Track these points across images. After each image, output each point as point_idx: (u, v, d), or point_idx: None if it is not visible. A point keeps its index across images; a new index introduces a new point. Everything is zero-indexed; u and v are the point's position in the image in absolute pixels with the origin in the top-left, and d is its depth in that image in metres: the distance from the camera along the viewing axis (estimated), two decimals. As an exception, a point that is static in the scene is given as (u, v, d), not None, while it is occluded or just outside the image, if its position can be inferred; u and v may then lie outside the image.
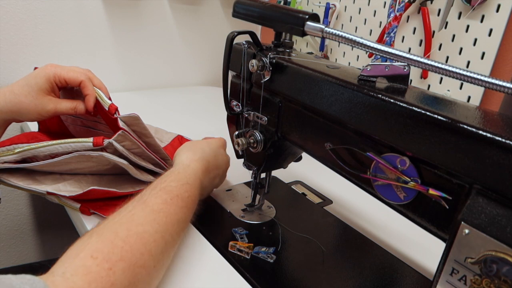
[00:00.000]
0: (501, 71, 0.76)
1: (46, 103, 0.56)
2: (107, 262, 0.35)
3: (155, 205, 0.44)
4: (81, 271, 0.34)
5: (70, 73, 0.57)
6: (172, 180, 0.49)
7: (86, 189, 0.53)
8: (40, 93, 0.55)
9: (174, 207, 0.46)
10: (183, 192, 0.48)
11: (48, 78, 0.56)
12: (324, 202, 0.69)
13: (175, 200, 0.46)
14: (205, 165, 0.56)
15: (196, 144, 0.60)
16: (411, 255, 0.57)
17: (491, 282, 0.29)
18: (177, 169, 0.52)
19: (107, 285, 0.34)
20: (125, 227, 0.40)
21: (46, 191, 0.55)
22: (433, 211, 0.35)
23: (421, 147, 0.34)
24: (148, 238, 0.40)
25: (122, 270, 0.36)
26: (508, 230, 0.28)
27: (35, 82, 0.55)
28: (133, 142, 0.55)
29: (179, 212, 0.46)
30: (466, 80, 0.32)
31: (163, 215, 0.44)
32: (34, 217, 1.15)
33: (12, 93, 0.54)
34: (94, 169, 0.59)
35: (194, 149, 0.58)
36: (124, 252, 0.37)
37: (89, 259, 0.35)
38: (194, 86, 1.35)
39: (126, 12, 1.10)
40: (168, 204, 0.45)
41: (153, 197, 0.45)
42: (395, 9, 0.85)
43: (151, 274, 0.40)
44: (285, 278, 0.49)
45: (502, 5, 0.72)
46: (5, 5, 0.92)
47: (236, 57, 0.52)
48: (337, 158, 0.43)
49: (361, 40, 0.38)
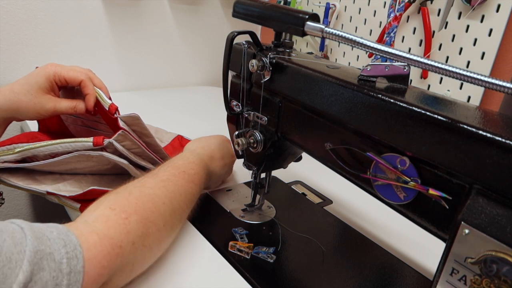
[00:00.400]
0: (501, 71, 0.76)
1: (45, 102, 0.56)
2: (123, 212, 0.40)
3: (164, 176, 0.49)
4: (101, 219, 0.39)
5: (71, 73, 0.57)
6: (179, 159, 0.55)
7: (86, 189, 0.53)
8: (39, 92, 0.55)
9: (181, 180, 0.50)
10: (189, 169, 0.53)
11: (48, 77, 0.56)
12: (324, 202, 0.69)
13: (182, 175, 0.51)
14: (210, 152, 0.61)
15: (200, 138, 0.65)
16: (411, 255, 0.57)
17: (491, 282, 0.29)
18: (184, 154, 0.57)
19: (124, 231, 0.39)
20: (137, 189, 0.45)
21: (46, 191, 0.55)
22: (433, 211, 0.35)
23: (421, 147, 0.34)
24: (157, 200, 0.45)
25: (136, 221, 0.41)
26: (508, 230, 0.28)
27: (35, 81, 0.55)
28: (133, 142, 0.55)
29: (186, 185, 0.50)
30: (466, 80, 0.32)
31: (172, 184, 0.49)
32: (34, 217, 1.15)
33: (11, 92, 0.54)
34: (94, 169, 0.59)
35: (199, 140, 0.64)
36: (138, 207, 0.42)
37: (107, 209, 0.40)
38: (194, 86, 1.35)
39: (126, 12, 1.10)
40: (176, 176, 0.50)
41: (161, 171, 0.51)
42: (395, 9, 0.85)
43: (161, 231, 0.44)
44: (285, 278, 0.49)
45: (502, 5, 0.72)
46: (5, 5, 0.92)
47: (236, 57, 0.52)
48: (337, 158, 0.42)
49: (361, 40, 0.38)
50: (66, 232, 0.34)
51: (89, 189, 0.53)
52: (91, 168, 0.59)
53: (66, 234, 0.33)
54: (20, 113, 0.55)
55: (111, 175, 0.61)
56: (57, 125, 0.68)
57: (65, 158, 0.54)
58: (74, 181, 0.58)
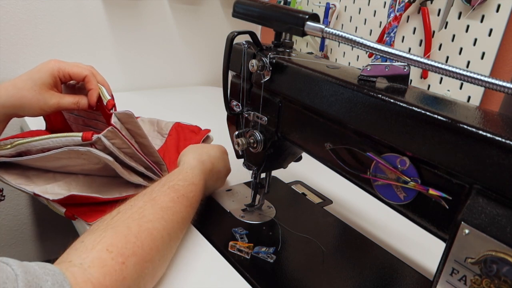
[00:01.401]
0: (501, 71, 0.76)
1: (49, 98, 0.55)
2: (121, 256, 0.38)
3: (164, 203, 0.47)
4: (98, 263, 0.36)
5: (75, 68, 0.57)
6: (180, 179, 0.52)
7: (67, 194, 0.52)
8: (43, 88, 0.55)
9: (180, 206, 0.49)
10: (189, 192, 0.51)
11: (52, 72, 0.55)
12: (324, 202, 0.69)
13: (182, 199, 0.49)
14: (210, 166, 0.59)
15: (201, 148, 0.63)
16: (411, 255, 0.57)
17: (491, 282, 0.29)
18: (184, 168, 0.55)
19: (120, 278, 0.37)
20: (136, 223, 0.42)
21: (33, 192, 0.54)
22: (433, 211, 0.35)
23: (421, 147, 0.34)
24: (156, 234, 0.43)
25: (133, 264, 0.39)
26: (508, 230, 0.28)
27: (38, 76, 0.54)
28: (124, 141, 0.54)
29: (184, 210, 0.49)
30: (466, 80, 0.32)
31: (170, 212, 0.46)
32: (34, 217, 1.15)
33: (14, 87, 0.53)
34: (86, 167, 0.58)
35: (200, 151, 0.61)
36: (136, 248, 0.40)
37: (105, 252, 0.37)
38: (194, 86, 1.35)
39: (126, 12, 1.10)
40: (175, 202, 0.48)
41: (162, 194, 0.48)
42: (395, 9, 0.85)
43: (156, 268, 0.43)
44: (285, 278, 0.49)
45: (502, 5, 0.72)
46: (5, 5, 0.92)
47: (236, 57, 0.52)
48: (337, 158, 0.42)
49: (361, 40, 0.38)
50: (61, 282, 0.32)
51: (69, 195, 0.52)
52: (83, 166, 0.58)
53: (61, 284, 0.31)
54: (23, 109, 0.55)
55: (104, 178, 0.60)
56: (61, 124, 0.67)
57: (55, 153, 0.53)
58: (64, 183, 0.57)
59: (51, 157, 0.54)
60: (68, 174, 0.60)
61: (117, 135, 0.53)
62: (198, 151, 0.61)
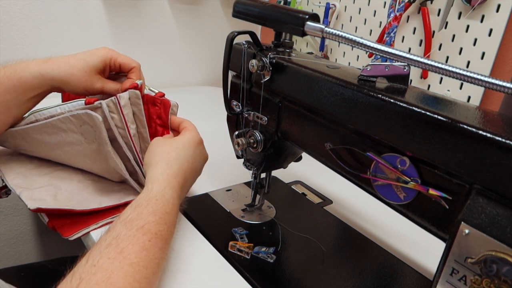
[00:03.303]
0: (501, 71, 0.76)
1: (95, 81, 0.57)
2: None
3: (133, 256, 0.39)
4: None
5: (125, 59, 0.59)
6: (150, 213, 0.44)
7: (43, 206, 0.51)
8: (93, 71, 0.56)
9: (154, 250, 0.42)
10: (162, 226, 0.44)
11: (104, 59, 0.57)
12: (324, 202, 0.69)
13: (155, 241, 0.42)
14: (182, 178, 0.52)
15: (170, 151, 0.52)
16: (411, 255, 0.57)
17: (491, 282, 0.29)
18: (154, 195, 0.47)
19: None
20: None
21: (19, 195, 0.54)
22: (433, 211, 0.35)
23: (421, 147, 0.34)
24: None
25: None
26: (508, 230, 0.28)
27: (91, 59, 0.56)
28: (121, 119, 0.54)
29: (159, 254, 0.42)
30: (466, 80, 0.32)
31: (143, 267, 0.39)
32: (34, 217, 1.15)
33: (67, 64, 0.55)
34: (81, 148, 0.57)
35: (168, 159, 0.51)
36: None
37: None
38: (194, 86, 1.35)
39: (126, 12, 1.10)
40: (148, 250, 0.41)
41: (130, 243, 0.40)
42: (395, 9, 0.85)
43: None
44: (285, 278, 0.49)
45: (502, 5, 0.72)
46: (5, 5, 0.92)
47: (236, 57, 0.52)
48: (337, 158, 0.42)
49: (361, 40, 0.38)
50: None
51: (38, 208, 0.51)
52: (78, 146, 0.57)
53: None
54: (69, 85, 0.56)
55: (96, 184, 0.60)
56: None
57: (56, 119, 0.55)
58: (54, 187, 0.57)
59: (52, 126, 0.56)
60: (62, 177, 0.60)
61: (117, 109, 0.54)
62: (166, 158, 0.51)
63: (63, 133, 0.57)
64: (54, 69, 0.54)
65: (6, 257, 1.13)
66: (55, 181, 0.59)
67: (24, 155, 0.64)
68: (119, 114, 0.54)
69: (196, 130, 0.59)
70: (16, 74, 0.54)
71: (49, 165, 0.62)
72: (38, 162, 0.62)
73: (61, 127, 0.56)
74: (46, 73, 0.54)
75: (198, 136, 0.57)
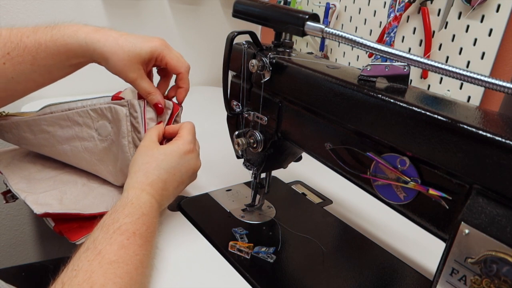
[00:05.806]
0: (501, 71, 0.76)
1: (133, 70, 0.54)
2: None
3: (112, 255, 0.39)
4: None
5: (174, 60, 0.56)
6: (126, 215, 0.44)
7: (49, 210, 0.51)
8: (136, 58, 0.53)
9: (134, 247, 0.41)
10: (140, 226, 0.43)
11: (153, 52, 0.55)
12: (324, 202, 0.69)
13: (134, 239, 0.41)
14: (161, 186, 0.50)
15: (150, 162, 0.50)
16: (411, 255, 0.57)
17: (491, 282, 0.29)
18: (129, 200, 0.46)
19: None
20: None
21: (24, 201, 0.54)
22: (433, 211, 0.35)
23: (421, 147, 0.34)
24: None
25: None
26: (508, 230, 0.28)
27: (140, 46, 0.53)
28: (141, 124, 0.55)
29: (140, 251, 0.41)
30: (466, 80, 0.32)
31: (123, 263, 0.39)
32: (35, 217, 1.15)
33: (114, 41, 0.52)
34: (91, 145, 0.57)
35: (146, 169, 0.50)
36: None
37: None
38: (194, 86, 1.34)
39: (126, 12, 1.10)
40: (127, 247, 0.40)
41: (108, 244, 0.40)
42: (395, 9, 0.85)
43: None
44: (285, 278, 0.49)
45: (502, 5, 0.72)
46: (5, 5, 0.92)
47: (236, 57, 0.52)
48: (337, 158, 0.42)
49: (361, 40, 0.38)
50: None
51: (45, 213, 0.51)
52: (89, 142, 0.57)
53: None
54: (107, 63, 0.53)
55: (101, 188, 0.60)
56: None
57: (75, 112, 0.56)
58: (59, 191, 0.56)
59: (67, 119, 0.56)
60: (66, 181, 0.59)
61: (141, 116, 0.54)
62: (144, 168, 0.50)
63: (77, 127, 0.56)
64: (100, 41, 0.52)
65: (6, 257, 1.14)
66: (60, 185, 0.59)
67: (26, 158, 0.63)
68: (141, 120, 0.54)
69: (189, 139, 0.54)
70: (63, 40, 0.51)
71: (53, 168, 0.62)
72: (41, 166, 0.62)
73: (77, 121, 0.56)
74: (91, 43, 0.52)
75: (187, 146, 0.53)
